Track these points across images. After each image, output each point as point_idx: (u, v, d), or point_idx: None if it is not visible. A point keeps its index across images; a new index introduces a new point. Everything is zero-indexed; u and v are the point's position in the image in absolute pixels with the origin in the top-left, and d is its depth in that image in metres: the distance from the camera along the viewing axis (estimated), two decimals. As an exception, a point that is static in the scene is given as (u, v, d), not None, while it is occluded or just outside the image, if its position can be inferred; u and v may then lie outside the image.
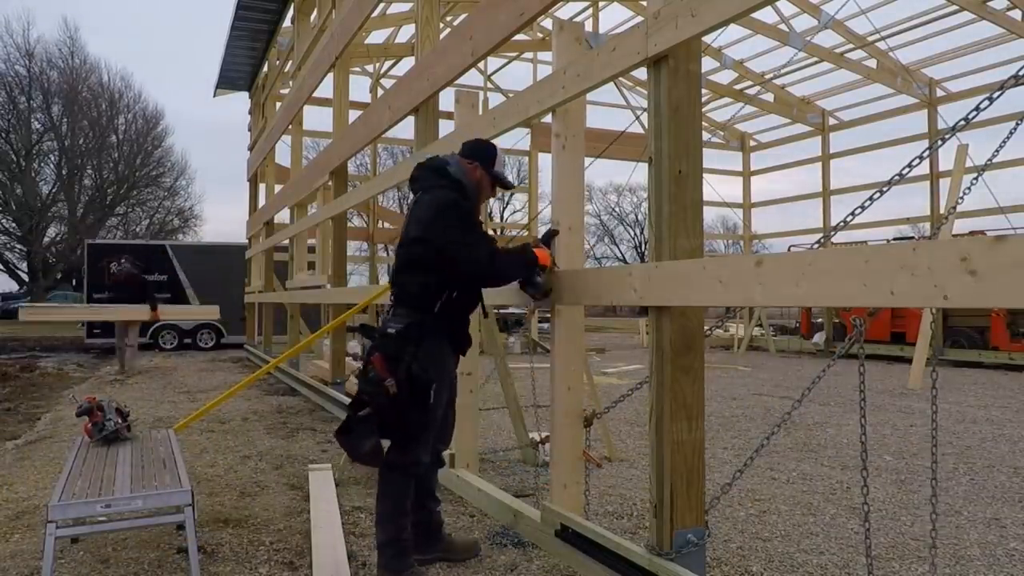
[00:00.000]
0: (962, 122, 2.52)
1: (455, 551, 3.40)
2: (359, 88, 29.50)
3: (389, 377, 2.94)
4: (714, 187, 15.89)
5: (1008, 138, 3.13)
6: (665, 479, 2.68)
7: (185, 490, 2.84)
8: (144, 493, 2.80)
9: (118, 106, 39.17)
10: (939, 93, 14.67)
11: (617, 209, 52.40)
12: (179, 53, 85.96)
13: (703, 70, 4.00)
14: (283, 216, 12.57)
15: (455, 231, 3.07)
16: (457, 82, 5.12)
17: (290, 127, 11.10)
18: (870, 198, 2.68)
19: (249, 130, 16.69)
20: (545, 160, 17.19)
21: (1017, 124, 3.08)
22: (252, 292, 15.05)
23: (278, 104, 13.34)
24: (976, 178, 3.46)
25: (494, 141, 3.81)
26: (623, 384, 10.18)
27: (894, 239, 17.45)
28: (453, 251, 3.05)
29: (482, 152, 3.41)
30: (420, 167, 3.37)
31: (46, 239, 37.58)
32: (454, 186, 3.24)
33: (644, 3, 7.86)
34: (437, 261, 3.08)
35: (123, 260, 17.37)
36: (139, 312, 12.18)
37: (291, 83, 11.70)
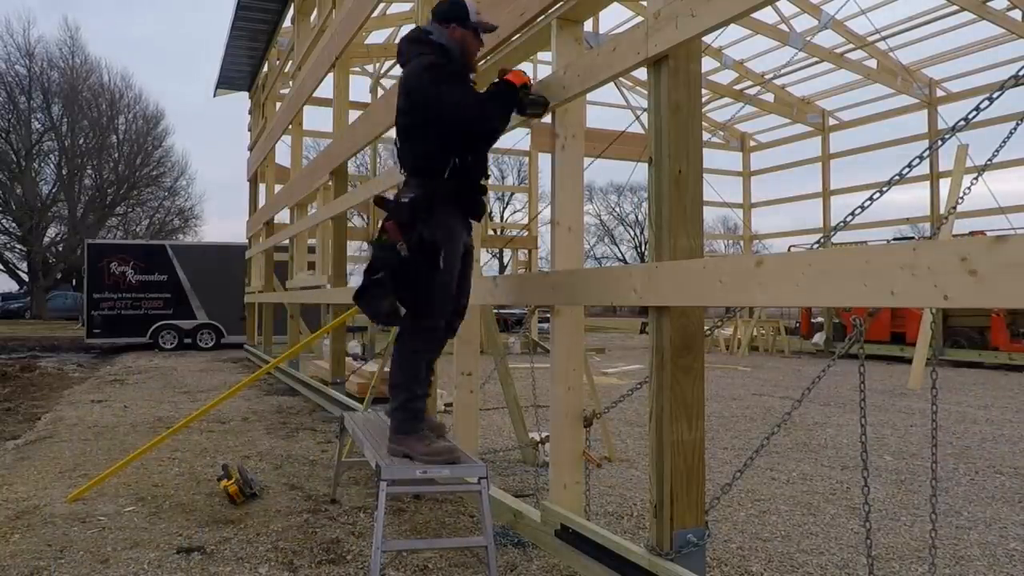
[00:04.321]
0: (962, 122, 2.52)
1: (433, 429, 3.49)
2: (359, 88, 29.52)
3: (401, 241, 3.08)
4: (714, 187, 15.84)
5: (1008, 138, 3.13)
6: (665, 479, 2.68)
7: (481, 465, 3.14)
8: (451, 464, 3.13)
9: (118, 106, 39.23)
10: (939, 93, 14.67)
11: (617, 209, 52.48)
12: (179, 53, 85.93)
13: (703, 70, 4.00)
14: (283, 216, 12.56)
15: (434, 88, 3.12)
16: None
17: (290, 127, 11.10)
18: (870, 198, 2.68)
19: (249, 130, 16.68)
20: (545, 160, 17.19)
21: (1017, 124, 3.08)
22: (252, 292, 15.04)
23: (278, 104, 13.33)
24: (976, 178, 3.46)
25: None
26: (623, 384, 10.18)
27: (894, 239, 17.45)
28: (436, 108, 3.11)
29: (454, 11, 3.39)
30: (403, 41, 3.42)
31: (46, 239, 37.61)
32: (436, 51, 3.28)
33: (644, 3, 7.86)
34: (432, 125, 3.14)
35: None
36: None
37: (291, 83, 11.69)
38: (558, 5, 3.51)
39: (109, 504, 4.27)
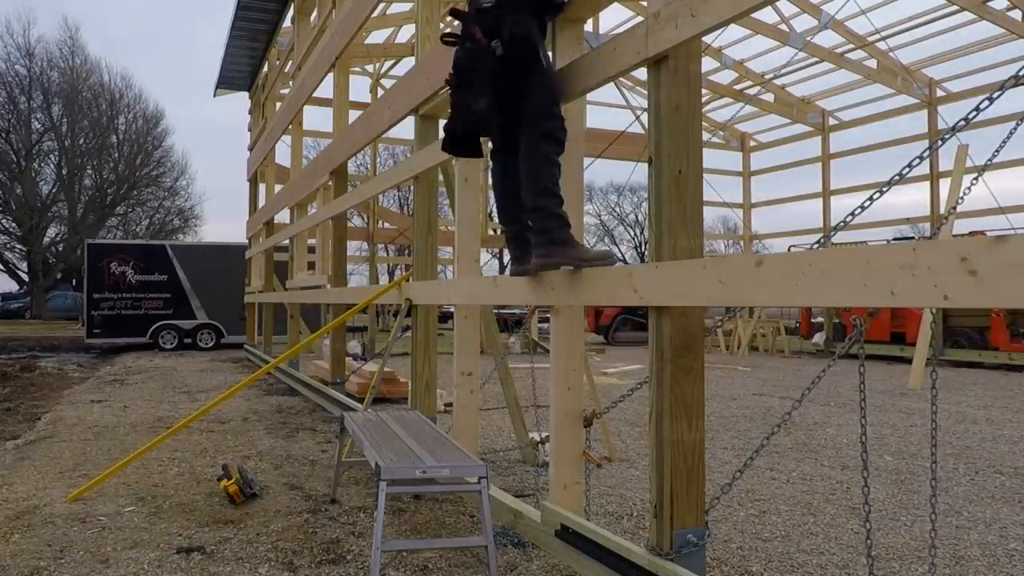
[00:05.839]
0: (962, 122, 2.52)
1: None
2: (359, 88, 29.48)
3: (491, 42, 3.04)
4: (714, 187, 15.82)
5: (1008, 138, 3.13)
6: (665, 479, 2.68)
7: (482, 465, 3.14)
8: (451, 464, 3.16)
9: (118, 106, 39.21)
10: (939, 93, 14.67)
11: (617, 209, 52.41)
12: (179, 53, 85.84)
13: (703, 70, 4.00)
14: (283, 216, 12.57)
15: None
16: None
17: (290, 127, 11.10)
18: (870, 198, 2.68)
19: (249, 130, 16.68)
20: (545, 160, 17.16)
21: (1017, 124, 3.08)
22: (252, 292, 15.05)
23: (278, 104, 13.33)
24: (976, 178, 3.46)
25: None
26: (623, 384, 10.18)
27: (894, 239, 17.45)
28: None
29: None
30: None
31: (46, 239, 37.61)
32: None
33: (644, 3, 7.86)
34: None
35: None
36: None
37: (291, 83, 11.69)
38: (558, 5, 3.51)
39: (109, 504, 4.27)
